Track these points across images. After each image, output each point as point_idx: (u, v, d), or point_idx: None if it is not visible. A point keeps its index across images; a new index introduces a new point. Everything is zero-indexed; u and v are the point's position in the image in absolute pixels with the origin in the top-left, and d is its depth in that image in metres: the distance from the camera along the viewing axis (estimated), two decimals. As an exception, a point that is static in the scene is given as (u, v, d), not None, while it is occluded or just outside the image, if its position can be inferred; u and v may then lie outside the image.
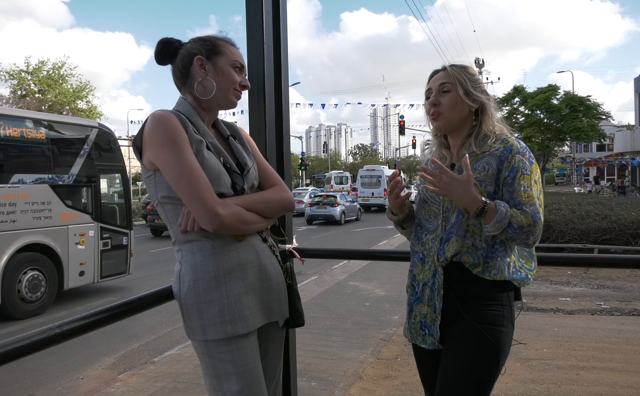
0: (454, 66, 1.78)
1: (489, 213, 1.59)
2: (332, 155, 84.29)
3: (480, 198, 1.60)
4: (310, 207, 22.89)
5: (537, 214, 1.61)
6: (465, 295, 1.67)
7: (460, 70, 1.76)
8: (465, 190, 1.59)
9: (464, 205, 1.62)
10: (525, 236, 1.59)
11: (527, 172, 1.64)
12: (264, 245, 1.68)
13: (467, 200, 1.59)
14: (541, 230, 1.63)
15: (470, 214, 1.63)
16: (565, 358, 4.66)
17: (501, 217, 1.57)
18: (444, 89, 1.74)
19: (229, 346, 1.54)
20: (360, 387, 4.14)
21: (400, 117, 37.67)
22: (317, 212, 22.47)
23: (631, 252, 9.08)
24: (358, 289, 8.20)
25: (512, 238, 1.61)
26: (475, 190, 1.61)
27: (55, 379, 4.85)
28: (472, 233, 1.66)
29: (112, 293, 8.50)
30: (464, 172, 1.60)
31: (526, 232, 1.59)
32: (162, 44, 1.67)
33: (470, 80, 1.74)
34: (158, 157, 1.51)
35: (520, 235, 1.59)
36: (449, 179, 1.60)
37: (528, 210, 1.60)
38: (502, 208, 1.58)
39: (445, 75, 1.76)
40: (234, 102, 1.67)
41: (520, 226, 1.58)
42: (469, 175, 1.59)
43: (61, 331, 1.33)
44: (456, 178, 1.60)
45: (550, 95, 29.43)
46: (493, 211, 1.58)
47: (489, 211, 1.59)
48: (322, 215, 22.44)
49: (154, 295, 1.70)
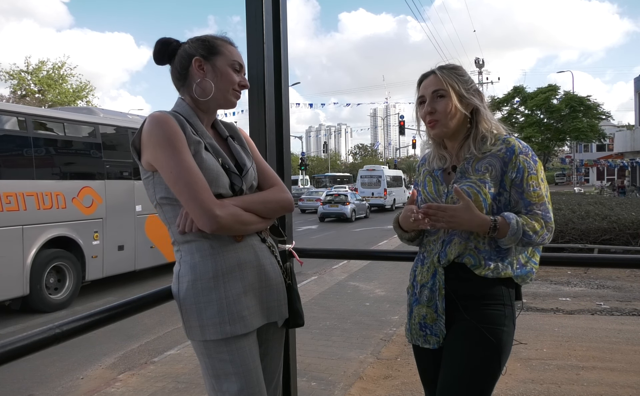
0: (443, 69, 1.74)
1: (501, 229, 1.60)
2: (332, 155, 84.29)
3: (488, 218, 1.61)
4: (323, 205, 23.96)
5: (548, 214, 1.64)
6: (466, 295, 1.67)
7: (452, 74, 1.72)
8: (471, 216, 1.59)
9: (475, 229, 1.62)
10: (541, 238, 1.63)
11: (534, 171, 1.65)
12: (263, 246, 1.67)
13: (477, 223, 1.60)
14: (554, 227, 1.66)
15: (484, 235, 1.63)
16: (565, 358, 4.66)
17: (514, 230, 1.58)
18: (438, 95, 1.71)
19: (228, 347, 1.54)
20: (360, 387, 4.14)
21: (400, 117, 37.69)
22: (329, 209, 23.62)
23: (631, 252, 9.08)
24: (358, 289, 8.20)
25: (529, 243, 1.63)
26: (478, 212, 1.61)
27: (55, 379, 4.85)
28: (476, 235, 1.66)
29: (112, 293, 8.50)
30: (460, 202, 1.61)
31: (541, 234, 1.62)
32: (160, 44, 1.66)
33: (462, 83, 1.72)
34: (156, 158, 1.51)
35: (537, 239, 1.62)
36: (452, 212, 1.60)
37: (538, 211, 1.62)
38: (513, 220, 1.59)
39: (437, 81, 1.72)
40: (233, 103, 1.67)
41: (534, 231, 1.60)
42: (467, 201, 1.60)
43: (61, 331, 1.33)
44: (458, 208, 1.60)
45: (550, 95, 29.45)
46: (505, 225, 1.59)
47: (501, 227, 1.60)
48: (334, 212, 23.59)
49: (153, 295, 1.70)
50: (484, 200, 1.64)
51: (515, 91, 31.44)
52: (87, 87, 30.52)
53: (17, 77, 28.31)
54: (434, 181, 1.78)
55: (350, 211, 23.49)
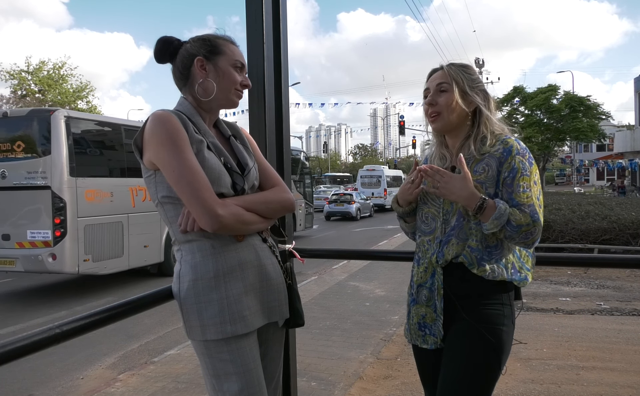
0: (452, 65, 1.76)
1: (487, 210, 1.59)
2: (332, 155, 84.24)
3: (479, 194, 1.61)
4: (329, 204, 24.43)
5: (536, 214, 1.60)
6: (465, 295, 1.67)
7: (459, 70, 1.74)
8: (463, 186, 1.61)
9: (463, 201, 1.62)
10: (524, 235, 1.59)
11: (527, 173, 1.64)
12: (264, 245, 1.67)
13: (466, 195, 1.61)
14: (540, 231, 1.62)
15: (469, 211, 1.63)
16: (565, 358, 4.66)
17: (500, 214, 1.57)
18: (441, 88, 1.73)
19: (228, 347, 1.54)
20: (360, 387, 4.14)
21: (400, 117, 37.67)
22: (335, 208, 24.19)
23: (631, 252, 9.07)
24: (358, 289, 8.20)
25: (511, 236, 1.61)
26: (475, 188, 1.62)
27: (55, 379, 4.85)
28: (471, 235, 1.66)
29: (112, 293, 8.51)
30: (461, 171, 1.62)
31: (525, 231, 1.59)
32: (161, 43, 1.65)
33: (468, 79, 1.72)
34: (158, 156, 1.51)
35: (519, 233, 1.59)
36: (448, 178, 1.63)
37: (527, 210, 1.60)
38: (502, 205, 1.59)
39: (442, 74, 1.74)
40: (235, 102, 1.67)
41: (518, 225, 1.58)
42: (465, 172, 1.61)
43: (61, 331, 1.33)
44: (454, 176, 1.62)
45: (550, 96, 29.42)
46: (492, 208, 1.59)
47: (488, 208, 1.59)
48: (340, 211, 24.13)
49: (153, 295, 1.70)
50: None
51: (515, 91, 31.41)
52: (87, 87, 30.54)
53: (17, 77, 28.32)
54: None
55: (355, 210, 24.12)
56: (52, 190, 8.03)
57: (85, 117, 9.04)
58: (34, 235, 8.15)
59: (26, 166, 8.24)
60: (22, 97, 28.61)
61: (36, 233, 8.14)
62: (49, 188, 8.05)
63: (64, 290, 9.12)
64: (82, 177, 8.29)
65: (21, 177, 8.24)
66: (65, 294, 8.77)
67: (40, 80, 28.60)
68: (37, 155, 8.27)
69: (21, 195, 8.25)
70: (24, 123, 8.51)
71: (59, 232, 8.02)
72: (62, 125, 8.18)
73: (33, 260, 8.12)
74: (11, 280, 9.95)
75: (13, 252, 8.22)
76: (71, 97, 29.44)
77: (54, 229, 8.01)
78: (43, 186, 8.09)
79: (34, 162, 8.24)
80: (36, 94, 28.91)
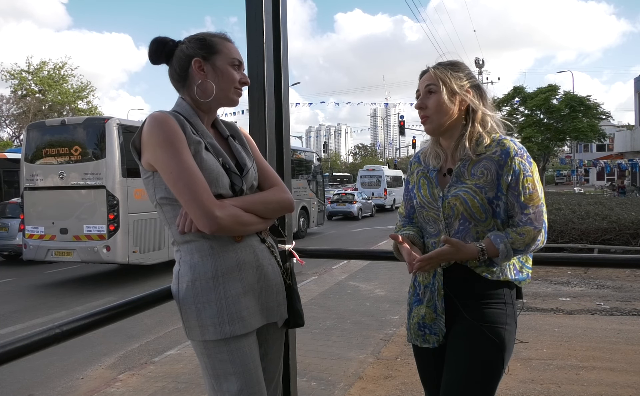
0: (439, 65, 1.73)
1: (489, 250, 1.61)
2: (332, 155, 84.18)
3: (475, 249, 1.61)
4: (331, 204, 24.54)
5: (541, 218, 1.63)
6: (467, 294, 1.67)
7: (446, 69, 1.70)
8: (457, 251, 1.61)
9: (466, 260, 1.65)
10: (535, 246, 1.64)
11: (529, 173, 1.63)
12: (263, 246, 1.67)
13: (466, 258, 1.63)
14: (546, 231, 1.65)
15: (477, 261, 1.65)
16: (565, 358, 4.66)
17: (504, 254, 1.60)
18: (429, 90, 1.71)
19: (227, 347, 1.54)
20: (360, 387, 4.14)
21: (400, 117, 37.65)
22: (337, 208, 24.50)
23: (631, 252, 9.07)
24: (358, 289, 8.20)
25: (524, 253, 1.65)
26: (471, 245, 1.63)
27: (55, 379, 4.85)
28: (476, 238, 1.66)
29: (112, 293, 8.51)
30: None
31: (533, 244, 1.63)
32: (156, 44, 1.63)
33: (455, 79, 1.69)
34: (156, 158, 1.51)
35: (529, 249, 1.63)
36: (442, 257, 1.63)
37: (532, 216, 1.61)
38: (501, 245, 1.60)
39: (429, 76, 1.72)
40: (235, 101, 1.66)
41: (526, 245, 1.61)
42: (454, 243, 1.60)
43: (61, 331, 1.33)
44: (444, 251, 1.61)
45: (550, 96, 29.38)
46: (491, 246, 1.60)
47: (489, 249, 1.61)
48: (342, 211, 24.47)
49: (153, 295, 1.70)
50: (480, 205, 1.63)
51: (515, 91, 31.37)
52: (87, 88, 30.54)
53: (17, 77, 28.32)
54: (429, 184, 1.76)
55: (357, 209, 24.41)
56: (106, 189, 9.04)
57: (133, 124, 9.89)
58: (90, 229, 9.13)
59: (83, 168, 9.29)
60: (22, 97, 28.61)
61: (92, 228, 9.12)
62: (104, 187, 9.07)
63: (64, 290, 9.14)
64: (131, 177, 9.14)
65: (78, 178, 9.30)
66: (65, 294, 8.77)
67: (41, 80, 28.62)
68: (93, 158, 9.32)
69: (78, 194, 9.34)
70: (80, 130, 9.54)
71: (112, 226, 9.02)
72: (114, 131, 9.20)
73: (89, 251, 9.10)
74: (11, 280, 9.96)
75: (70, 244, 9.20)
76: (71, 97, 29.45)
77: (108, 224, 9.01)
78: (98, 186, 9.14)
79: (89, 165, 9.28)
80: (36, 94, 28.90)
